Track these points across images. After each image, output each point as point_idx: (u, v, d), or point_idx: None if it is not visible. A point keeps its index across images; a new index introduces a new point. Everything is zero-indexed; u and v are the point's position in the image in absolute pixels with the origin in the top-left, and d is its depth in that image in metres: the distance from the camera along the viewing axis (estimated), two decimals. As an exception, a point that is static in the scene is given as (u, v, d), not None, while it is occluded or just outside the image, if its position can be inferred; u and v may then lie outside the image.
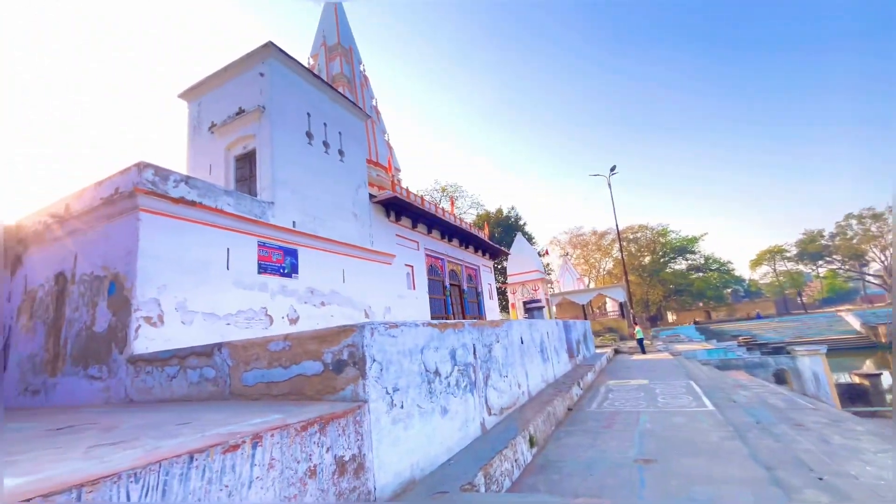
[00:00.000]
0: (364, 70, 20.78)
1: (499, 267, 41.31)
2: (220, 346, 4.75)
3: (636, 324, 23.97)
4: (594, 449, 5.09)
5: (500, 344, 6.33)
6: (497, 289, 32.12)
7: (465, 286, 19.25)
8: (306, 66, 19.42)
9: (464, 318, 18.48)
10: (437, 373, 4.38)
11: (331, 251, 10.69)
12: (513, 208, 45.81)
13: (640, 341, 19.97)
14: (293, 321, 9.01)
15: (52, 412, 5.65)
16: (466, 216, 44.70)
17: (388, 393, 3.64)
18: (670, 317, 60.55)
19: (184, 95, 11.68)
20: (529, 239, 43.00)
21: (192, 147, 11.42)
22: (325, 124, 11.72)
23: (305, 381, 3.90)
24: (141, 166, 6.69)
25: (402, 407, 3.75)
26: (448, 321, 4.97)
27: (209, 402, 4.64)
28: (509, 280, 31.95)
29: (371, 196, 13.35)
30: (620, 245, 33.14)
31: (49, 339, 7.25)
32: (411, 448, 3.73)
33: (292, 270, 9.32)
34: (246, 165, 10.43)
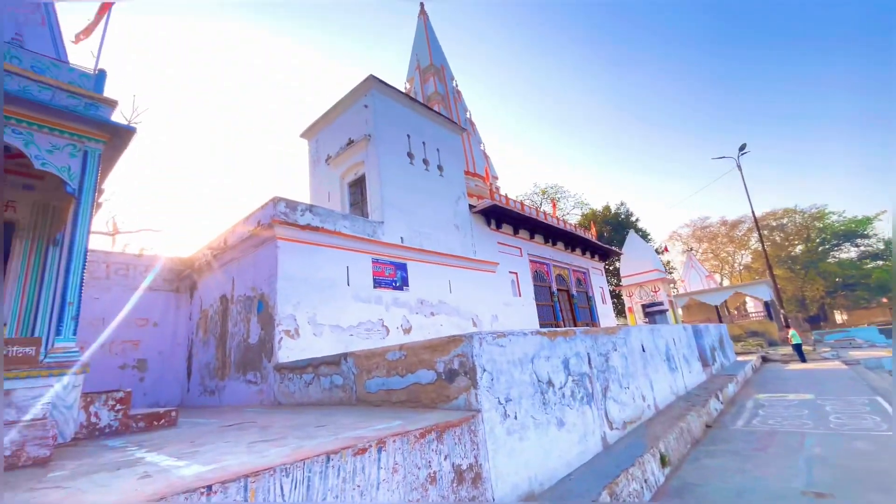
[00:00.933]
0: (456, 85, 21.44)
1: (611, 268, 38.59)
2: (345, 355, 5.25)
3: (789, 326, 20.17)
4: (744, 474, 4.39)
5: (617, 352, 5.88)
6: (611, 292, 29.95)
7: (573, 291, 18.36)
8: (403, 90, 20.78)
9: (575, 324, 17.60)
10: (549, 383, 4.24)
11: (436, 263, 11.13)
12: (622, 204, 42.46)
13: (797, 347, 16.72)
14: (406, 331, 9.56)
15: (223, 410, 6.83)
16: (570, 217, 42.79)
17: (500, 403, 3.63)
18: (838, 316, 49.61)
19: (304, 135, 13.39)
20: (644, 236, 39.41)
21: (313, 179, 12.97)
22: (423, 143, 12.36)
23: (420, 390, 4.10)
24: (275, 200, 7.82)
25: (515, 418, 3.70)
26: (558, 329, 4.79)
27: (339, 406, 5.15)
28: (624, 282, 29.57)
29: (470, 206, 13.61)
30: (760, 234, 28.35)
31: (218, 349, 8.81)
32: (528, 460, 3.65)
33: (403, 283, 9.93)
34: (358, 190, 11.49)
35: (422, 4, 23.19)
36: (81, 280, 4.23)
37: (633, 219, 41.09)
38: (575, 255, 19.48)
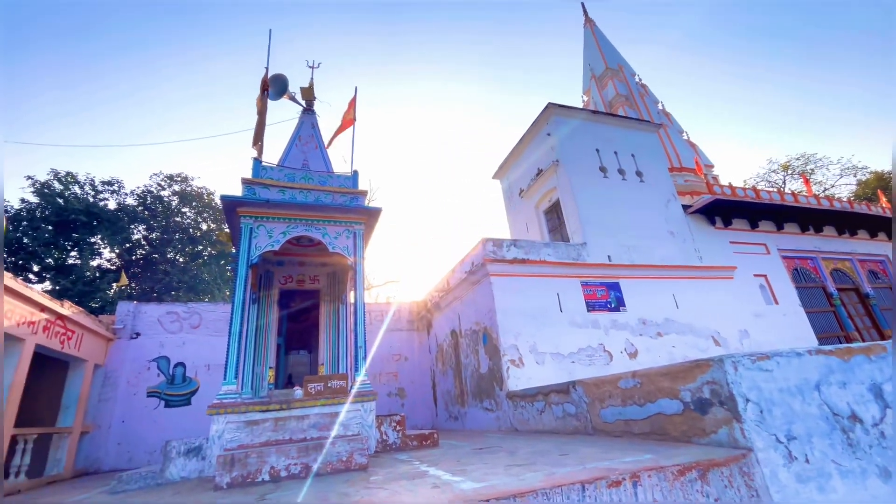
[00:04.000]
0: (639, 80, 19.71)
1: (931, 248, 26.82)
2: (574, 384, 5.28)
3: None
4: None
5: (975, 374, 4.04)
6: (939, 283, 20.57)
7: (867, 289, 13.49)
8: (581, 104, 20.35)
9: (881, 336, 12.78)
10: (854, 418, 3.27)
11: (654, 277, 10.09)
12: (932, 154, 29.37)
13: None
14: (632, 355, 8.87)
15: (468, 434, 7.71)
16: (837, 190, 32.13)
17: (779, 441, 3.01)
18: None
19: (496, 176, 14.56)
20: None
21: (510, 214, 13.84)
22: (615, 153, 11.72)
23: (666, 421, 3.76)
24: (484, 241, 8.72)
25: (806, 461, 2.99)
26: (852, 345, 3.68)
27: (575, 435, 5.16)
28: (964, 265, 19.95)
29: (685, 207, 11.94)
30: None
31: (455, 378, 10.08)
32: (840, 519, 2.85)
33: (619, 304, 9.36)
34: (554, 216, 11.66)
35: (585, 13, 22.67)
36: (364, 329, 5.66)
37: (962, 170, 27.80)
38: (858, 240, 14.47)
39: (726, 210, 12.17)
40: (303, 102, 8.94)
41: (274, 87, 8.21)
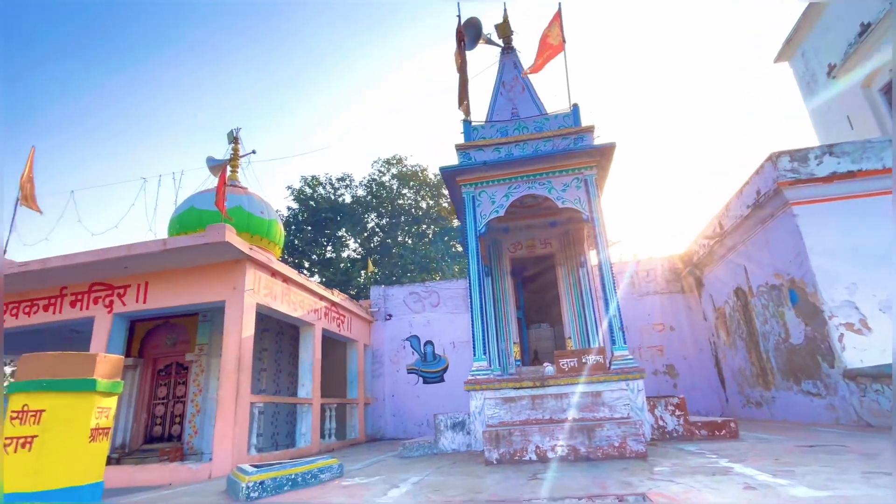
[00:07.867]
0: None
1: None
2: (981, 356, 3.90)
3: None
4: None
5: None
6: None
7: None
8: None
9: None
10: None
11: None
12: None
13: None
14: None
15: (780, 426, 6.72)
16: None
17: None
18: None
19: (781, 57, 11.69)
20: None
21: (814, 108, 10.96)
22: None
23: None
24: (774, 158, 7.19)
25: None
26: None
27: None
28: None
29: None
30: None
31: (751, 353, 8.85)
32: None
33: None
34: (902, 92, 8.61)
35: None
36: (616, 294, 5.58)
37: None
38: None
39: None
40: (500, 42, 9.22)
41: (469, 34, 8.72)
